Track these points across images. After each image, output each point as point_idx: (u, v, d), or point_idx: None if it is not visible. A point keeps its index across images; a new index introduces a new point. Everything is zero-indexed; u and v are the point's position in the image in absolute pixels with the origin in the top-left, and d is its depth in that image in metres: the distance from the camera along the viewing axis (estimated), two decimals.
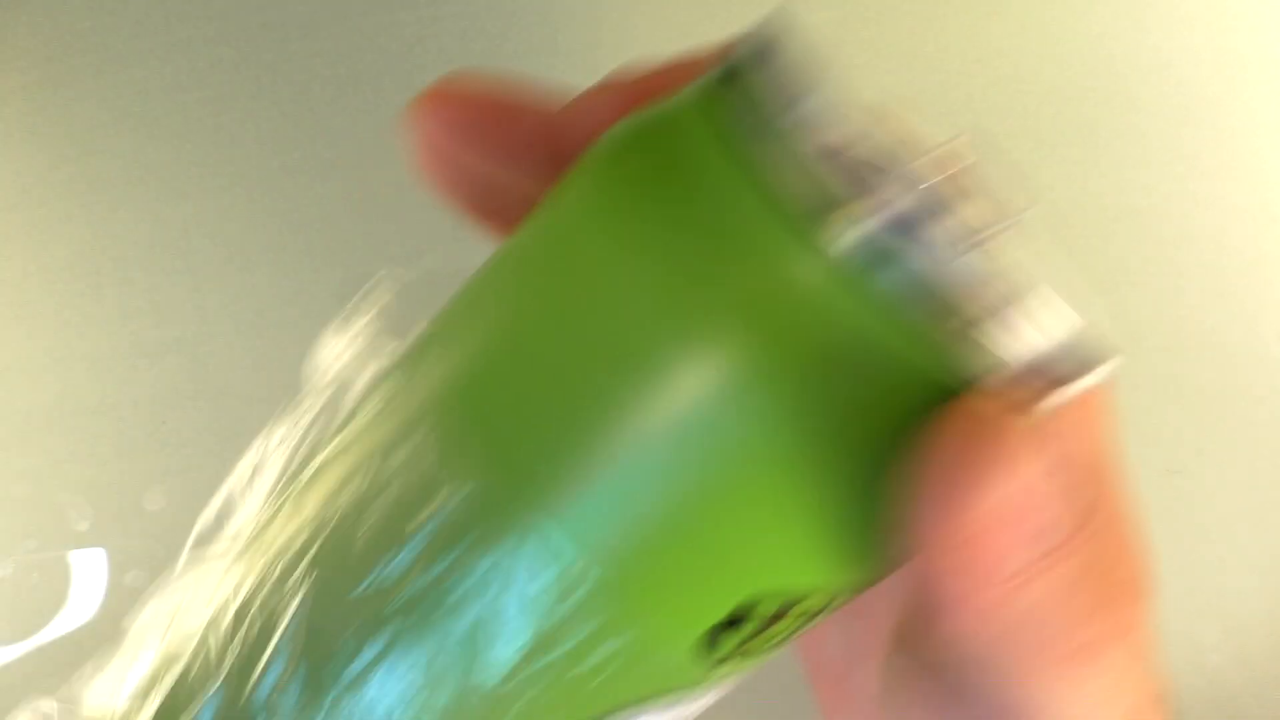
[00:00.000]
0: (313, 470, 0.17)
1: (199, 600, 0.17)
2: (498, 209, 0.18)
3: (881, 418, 0.14)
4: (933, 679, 0.18)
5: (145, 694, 0.17)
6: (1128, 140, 0.41)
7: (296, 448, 0.17)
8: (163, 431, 0.39)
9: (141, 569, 0.39)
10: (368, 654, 0.15)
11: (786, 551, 0.15)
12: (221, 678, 0.16)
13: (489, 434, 0.15)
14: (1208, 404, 0.40)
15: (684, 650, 0.15)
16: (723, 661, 0.16)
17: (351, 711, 0.15)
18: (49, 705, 0.18)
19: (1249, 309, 0.41)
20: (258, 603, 0.16)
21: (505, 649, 0.15)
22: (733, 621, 0.15)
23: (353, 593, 0.15)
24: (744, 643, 0.16)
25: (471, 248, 0.18)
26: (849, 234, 0.13)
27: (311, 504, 0.16)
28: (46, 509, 0.39)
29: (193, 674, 0.16)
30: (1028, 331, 0.14)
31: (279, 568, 0.16)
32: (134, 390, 0.39)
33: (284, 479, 0.17)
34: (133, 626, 0.18)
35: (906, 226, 0.13)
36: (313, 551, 0.16)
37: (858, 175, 0.13)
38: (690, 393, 0.14)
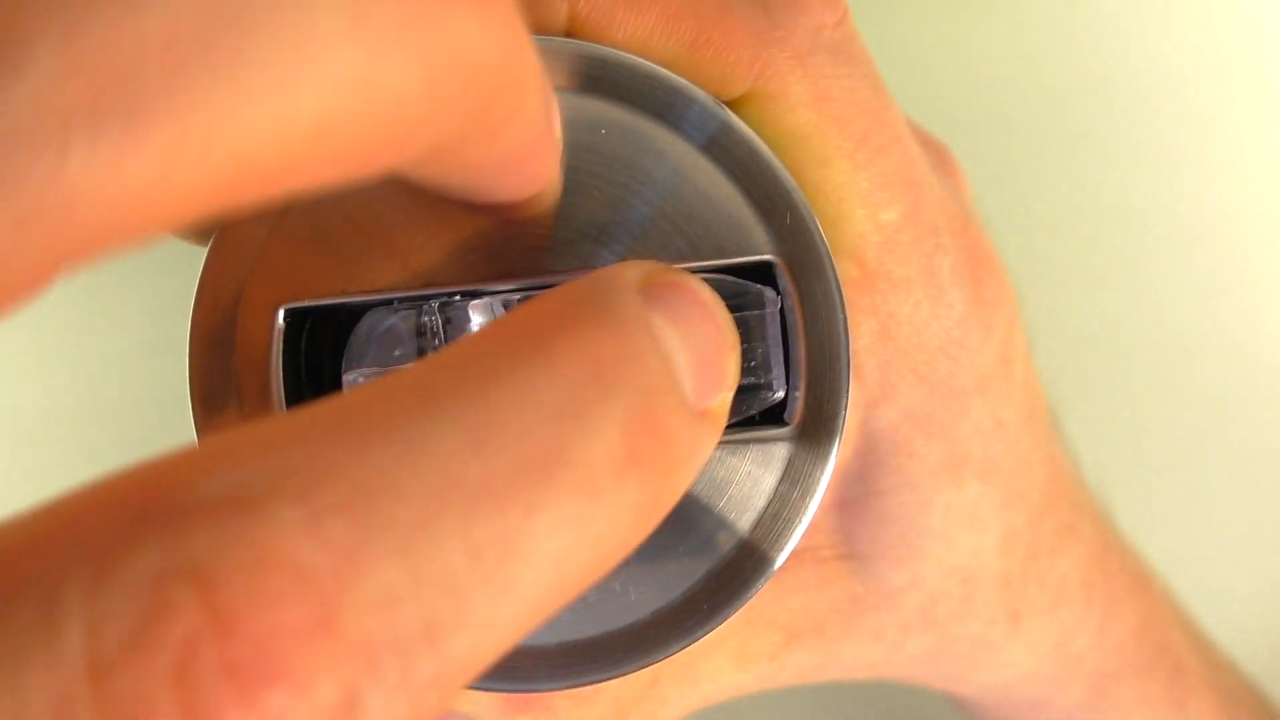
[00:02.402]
0: None
1: None
2: None
3: None
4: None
5: None
6: (1126, 140, 0.41)
7: None
8: (166, 430, 0.39)
9: None
10: None
11: None
12: None
13: None
14: (1207, 404, 0.41)
15: None
16: None
17: None
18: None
19: (1249, 309, 0.41)
20: None
21: None
22: None
23: None
24: None
25: None
26: None
27: None
28: None
29: None
30: None
31: None
32: (135, 390, 0.39)
33: None
34: None
35: None
36: None
37: None
38: None
